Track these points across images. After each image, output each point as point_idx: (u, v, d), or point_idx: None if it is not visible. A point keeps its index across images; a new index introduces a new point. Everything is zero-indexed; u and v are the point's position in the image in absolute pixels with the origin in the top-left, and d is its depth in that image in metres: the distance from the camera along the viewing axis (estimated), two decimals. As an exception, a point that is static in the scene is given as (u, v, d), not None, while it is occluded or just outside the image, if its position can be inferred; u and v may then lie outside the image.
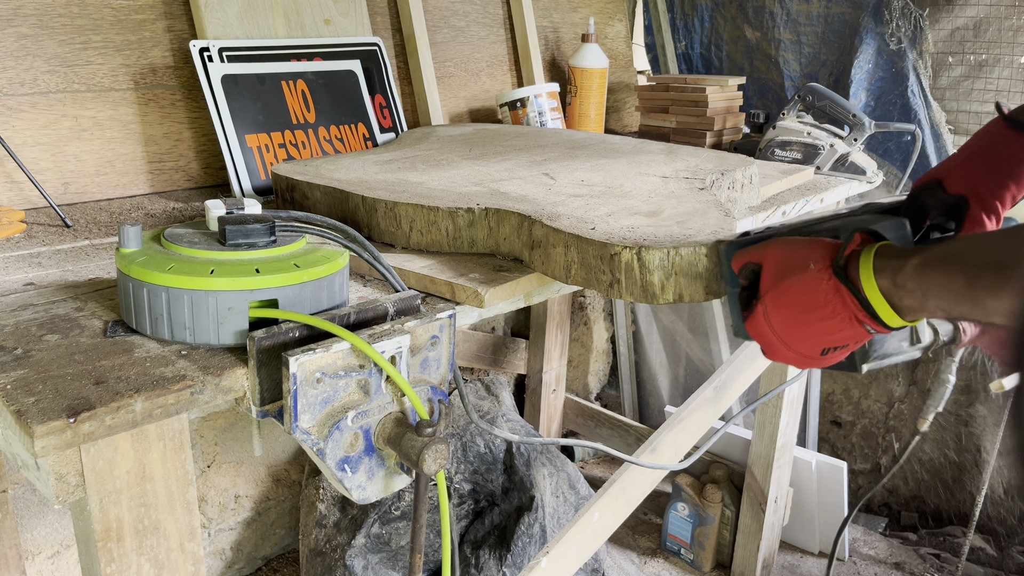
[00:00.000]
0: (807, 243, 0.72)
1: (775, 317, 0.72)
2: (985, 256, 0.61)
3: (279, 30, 1.48)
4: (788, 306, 0.71)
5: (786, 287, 0.71)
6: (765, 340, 0.75)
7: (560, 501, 1.92)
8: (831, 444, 2.42)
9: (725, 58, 2.32)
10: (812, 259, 0.70)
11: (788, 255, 0.72)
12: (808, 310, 0.70)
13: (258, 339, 0.69)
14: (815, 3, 2.07)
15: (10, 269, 0.95)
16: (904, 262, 0.66)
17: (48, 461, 0.63)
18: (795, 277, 0.71)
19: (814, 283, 0.69)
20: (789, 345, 0.73)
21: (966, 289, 0.61)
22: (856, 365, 0.77)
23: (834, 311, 0.69)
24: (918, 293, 0.65)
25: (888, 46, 1.97)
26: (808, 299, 0.70)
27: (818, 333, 0.71)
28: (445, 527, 0.82)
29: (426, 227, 1.00)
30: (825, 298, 0.69)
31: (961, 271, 0.62)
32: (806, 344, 0.72)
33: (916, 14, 1.91)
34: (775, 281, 0.72)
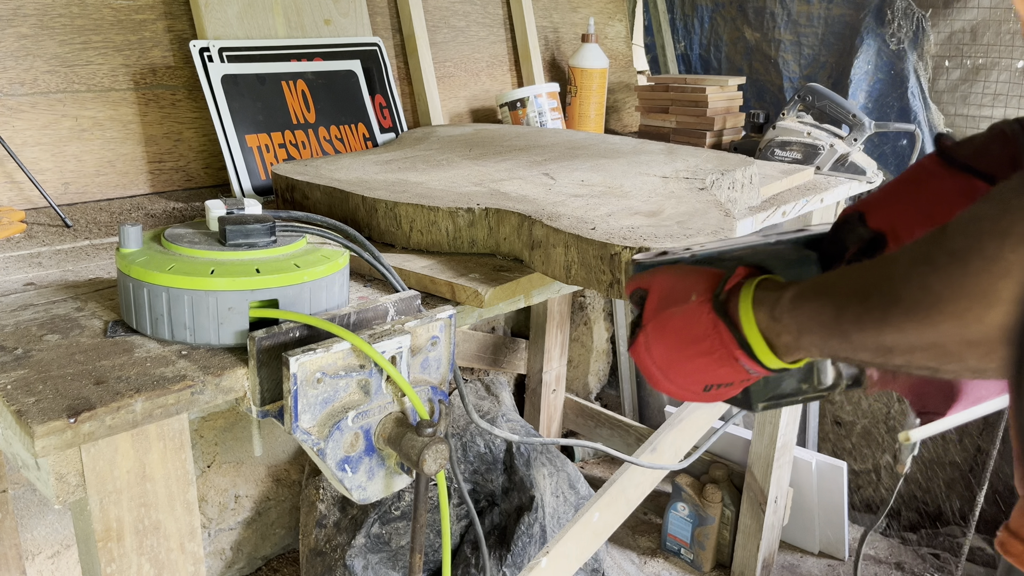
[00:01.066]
0: (693, 272, 0.68)
1: (655, 348, 0.68)
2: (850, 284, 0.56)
3: (279, 30, 1.48)
4: (668, 338, 0.67)
5: (667, 318, 0.67)
6: (645, 369, 0.70)
7: (560, 501, 1.92)
8: (831, 444, 2.42)
9: (724, 59, 2.32)
10: (695, 290, 0.66)
11: (673, 284, 0.68)
12: (687, 344, 0.66)
13: (258, 339, 0.69)
14: (816, 4, 2.07)
15: (10, 269, 0.95)
16: (781, 295, 0.60)
17: (48, 461, 0.63)
18: (676, 308, 0.66)
19: (694, 316, 0.65)
20: (669, 378, 0.68)
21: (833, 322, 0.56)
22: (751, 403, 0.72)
23: (712, 347, 0.64)
24: (793, 328, 0.59)
25: (888, 47, 1.97)
26: (687, 332, 0.66)
27: (697, 369, 0.66)
28: (445, 527, 0.82)
29: (426, 227, 1.00)
30: (704, 332, 0.64)
31: (830, 301, 0.56)
32: (687, 379, 0.68)
33: (919, 15, 1.91)
34: (657, 311, 0.68)
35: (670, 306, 0.67)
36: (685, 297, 0.66)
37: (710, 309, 0.64)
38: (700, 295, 0.65)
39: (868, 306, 0.52)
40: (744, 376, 0.65)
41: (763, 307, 0.61)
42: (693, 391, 0.68)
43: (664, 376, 0.68)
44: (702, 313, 0.64)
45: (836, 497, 2.11)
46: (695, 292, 0.66)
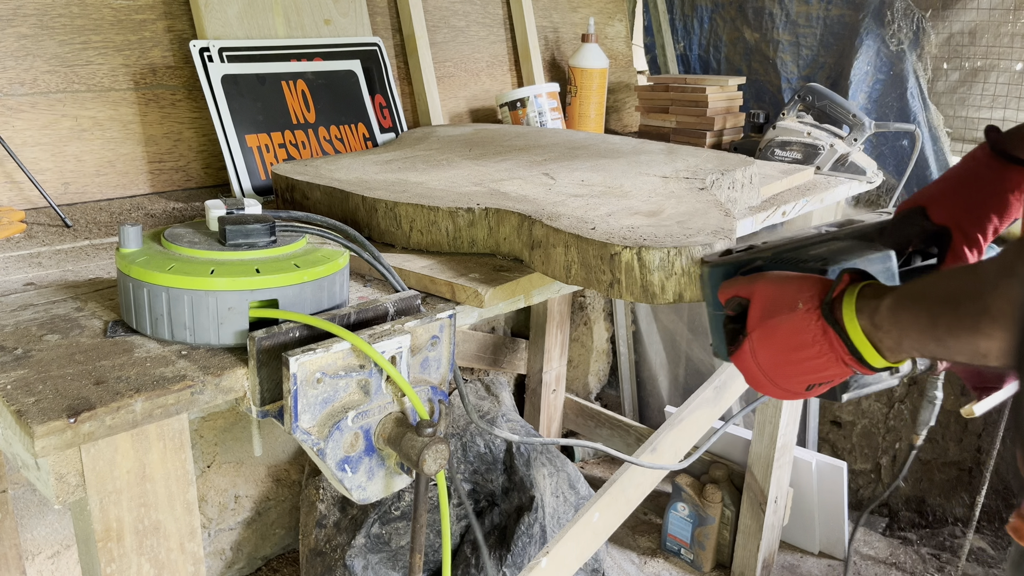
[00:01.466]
0: (796, 280, 0.71)
1: (762, 354, 0.71)
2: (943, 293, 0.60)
3: (279, 30, 1.48)
4: (775, 345, 0.70)
5: (774, 326, 0.70)
6: (751, 374, 0.73)
7: (560, 501, 1.92)
8: (831, 444, 2.42)
9: (723, 59, 2.32)
10: (800, 298, 0.69)
11: (777, 293, 0.71)
12: (795, 349, 0.69)
13: (258, 339, 0.69)
14: (815, 5, 2.07)
15: (10, 269, 0.95)
16: (880, 302, 0.64)
17: (48, 461, 0.63)
18: (783, 316, 0.69)
19: (802, 324, 0.68)
20: (775, 382, 0.72)
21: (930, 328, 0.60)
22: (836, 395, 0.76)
23: (821, 351, 0.68)
24: (894, 333, 0.64)
25: (888, 48, 1.97)
26: (796, 339, 0.69)
27: (805, 372, 0.70)
28: (445, 527, 0.82)
29: (426, 227, 1.00)
30: (813, 338, 0.68)
31: (925, 309, 0.60)
32: (792, 381, 0.71)
33: (919, 15, 1.90)
34: (763, 319, 0.71)
35: (776, 314, 0.70)
36: (792, 305, 0.69)
37: (819, 317, 0.67)
38: (807, 303, 0.68)
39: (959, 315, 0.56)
40: (848, 374, 0.69)
41: (864, 314, 0.65)
42: (796, 391, 0.72)
43: (770, 380, 0.72)
44: (810, 320, 0.68)
45: (836, 497, 2.11)
46: (801, 300, 0.69)
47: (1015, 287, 0.51)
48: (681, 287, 0.85)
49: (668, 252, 0.83)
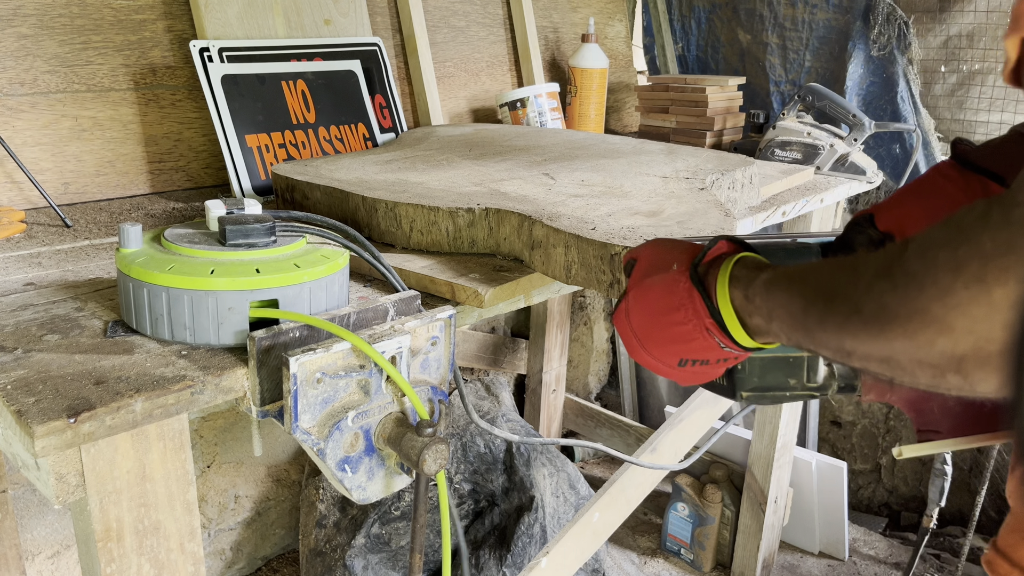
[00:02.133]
0: (679, 244, 0.69)
1: (635, 315, 0.69)
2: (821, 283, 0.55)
3: (279, 30, 1.48)
4: (647, 305, 0.68)
5: (648, 285, 0.68)
6: (626, 338, 0.70)
7: (560, 501, 1.92)
8: (831, 444, 2.42)
9: (721, 60, 2.32)
10: (677, 260, 0.67)
11: (658, 254, 0.69)
12: (663, 312, 0.66)
13: (258, 339, 0.69)
14: (801, 8, 2.07)
15: (10, 269, 0.95)
16: (757, 276, 0.61)
17: (48, 461, 0.63)
18: (657, 276, 0.67)
19: (672, 284, 0.66)
20: (646, 347, 0.69)
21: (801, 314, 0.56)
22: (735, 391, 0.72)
23: (686, 316, 0.64)
24: (764, 312, 0.60)
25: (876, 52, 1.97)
26: (665, 300, 0.66)
27: (672, 339, 0.66)
28: (445, 527, 0.82)
29: (426, 227, 1.00)
30: (679, 301, 0.65)
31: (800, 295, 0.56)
32: (661, 349, 0.68)
33: (901, 20, 1.90)
34: (640, 278, 0.69)
35: (652, 274, 0.68)
36: (667, 266, 0.67)
37: (687, 278, 0.64)
38: (681, 264, 0.66)
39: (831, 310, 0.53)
40: (718, 353, 0.65)
41: (739, 285, 0.61)
42: (668, 363, 0.68)
43: (641, 345, 0.69)
44: (679, 282, 0.65)
45: (836, 497, 2.11)
46: (677, 262, 0.66)
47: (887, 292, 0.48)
48: (681, 287, 0.85)
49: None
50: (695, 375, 0.69)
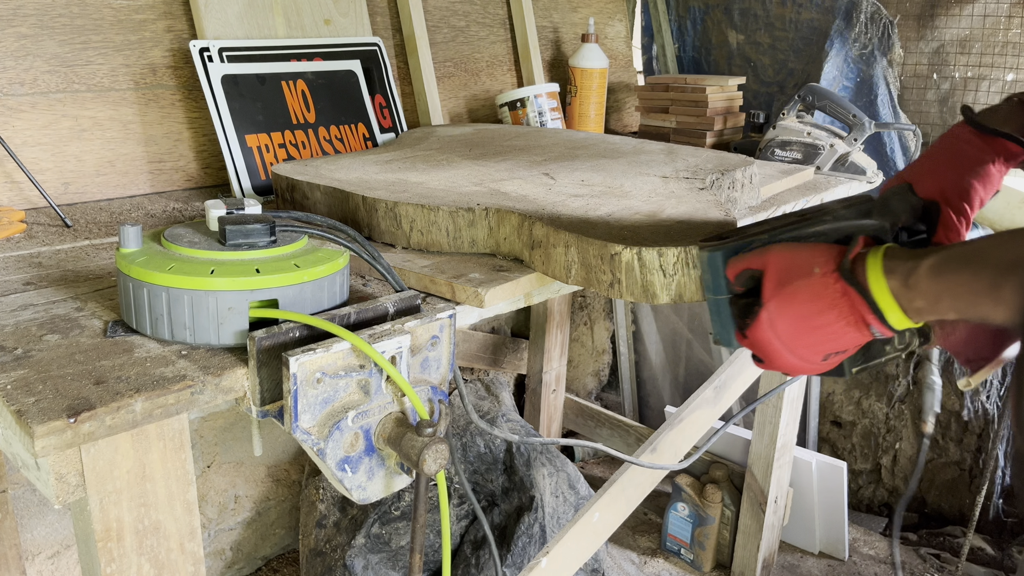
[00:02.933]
0: (808, 248, 0.72)
1: (780, 323, 0.71)
2: (1010, 255, 0.61)
3: (279, 30, 1.48)
4: (794, 312, 0.71)
5: (791, 292, 0.70)
6: (768, 347, 0.73)
7: (560, 501, 1.92)
8: (831, 444, 2.42)
9: (712, 61, 2.32)
10: (816, 263, 0.70)
11: (791, 260, 0.72)
12: (814, 315, 0.70)
13: (258, 339, 0.69)
14: (790, 7, 2.07)
15: (10, 269, 0.95)
16: (917, 263, 0.66)
17: (48, 461, 0.63)
18: (801, 282, 0.70)
19: (820, 287, 0.69)
20: (794, 351, 0.72)
21: (990, 289, 0.61)
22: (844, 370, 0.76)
23: (840, 315, 0.69)
24: (931, 294, 0.65)
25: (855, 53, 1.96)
26: (815, 304, 0.69)
27: (824, 339, 0.70)
28: (445, 527, 0.82)
29: (426, 227, 1.00)
30: (832, 302, 0.69)
31: (986, 271, 0.62)
32: (810, 350, 0.72)
33: (886, 20, 1.90)
34: (779, 287, 0.71)
35: (792, 280, 0.70)
36: (808, 271, 0.70)
37: (837, 279, 0.68)
38: (823, 267, 0.69)
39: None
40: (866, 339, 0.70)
41: (896, 274, 0.67)
42: (812, 361, 0.72)
43: (788, 349, 0.72)
44: (828, 284, 0.69)
45: (836, 497, 2.11)
46: (817, 265, 0.70)
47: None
48: (681, 287, 0.85)
49: (668, 251, 0.83)
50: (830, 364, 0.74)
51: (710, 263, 0.80)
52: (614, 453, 1.17)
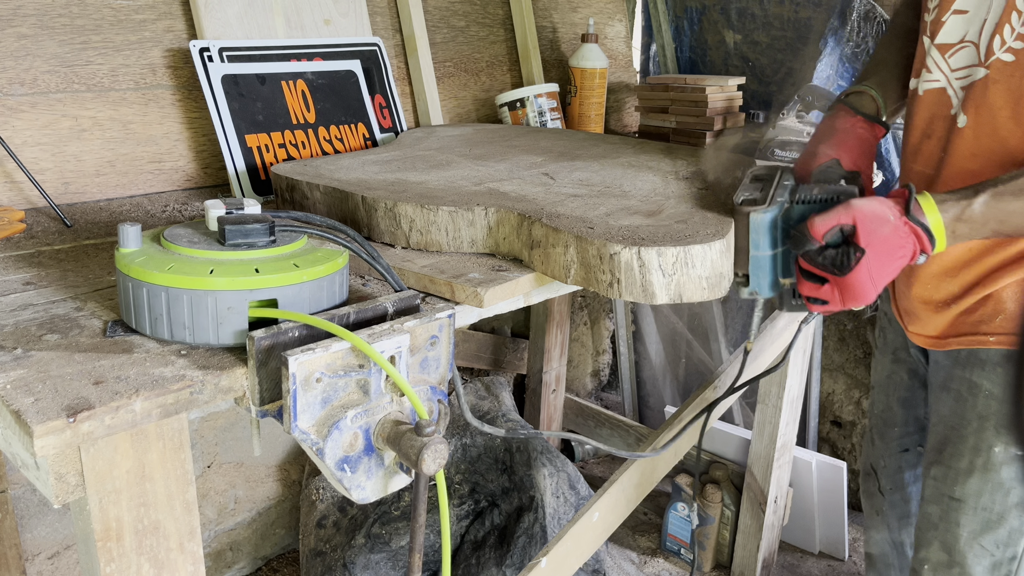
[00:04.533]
0: (877, 201, 0.91)
1: (875, 263, 0.89)
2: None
3: (279, 30, 1.48)
4: (885, 253, 0.89)
5: (883, 237, 0.89)
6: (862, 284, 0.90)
7: (560, 501, 1.92)
8: (831, 444, 2.42)
9: (709, 62, 2.32)
10: (892, 212, 0.90)
11: (872, 213, 0.90)
12: (894, 251, 0.90)
13: (258, 339, 0.69)
14: (787, 6, 2.06)
15: (10, 269, 0.95)
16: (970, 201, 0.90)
17: (48, 461, 0.63)
18: (887, 228, 0.89)
19: (899, 230, 0.90)
20: (876, 283, 0.90)
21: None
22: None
23: (908, 249, 0.90)
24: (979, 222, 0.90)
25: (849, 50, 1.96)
26: (894, 243, 0.90)
27: (895, 269, 0.91)
28: (445, 527, 0.82)
29: (426, 227, 1.00)
30: (905, 239, 0.90)
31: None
32: (885, 279, 0.91)
33: (880, 18, 1.89)
34: (871, 234, 0.89)
35: (879, 228, 0.89)
36: (885, 219, 0.90)
37: (906, 221, 0.90)
38: (895, 214, 0.90)
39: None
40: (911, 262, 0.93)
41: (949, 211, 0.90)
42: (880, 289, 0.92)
43: (874, 285, 0.91)
44: (900, 225, 0.90)
45: (836, 497, 2.11)
46: (892, 214, 0.90)
47: None
48: (681, 287, 0.85)
49: (668, 251, 0.83)
50: None
51: (763, 224, 0.93)
52: (610, 450, 1.17)
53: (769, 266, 0.95)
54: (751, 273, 0.95)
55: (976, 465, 1.10)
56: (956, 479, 1.12)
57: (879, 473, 1.40)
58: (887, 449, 1.37)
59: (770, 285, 0.96)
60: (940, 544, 1.15)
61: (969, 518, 1.12)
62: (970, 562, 1.12)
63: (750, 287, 0.96)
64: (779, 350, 1.79)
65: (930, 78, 1.07)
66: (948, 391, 1.14)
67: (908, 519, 1.37)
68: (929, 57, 1.07)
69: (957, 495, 1.12)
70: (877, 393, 1.38)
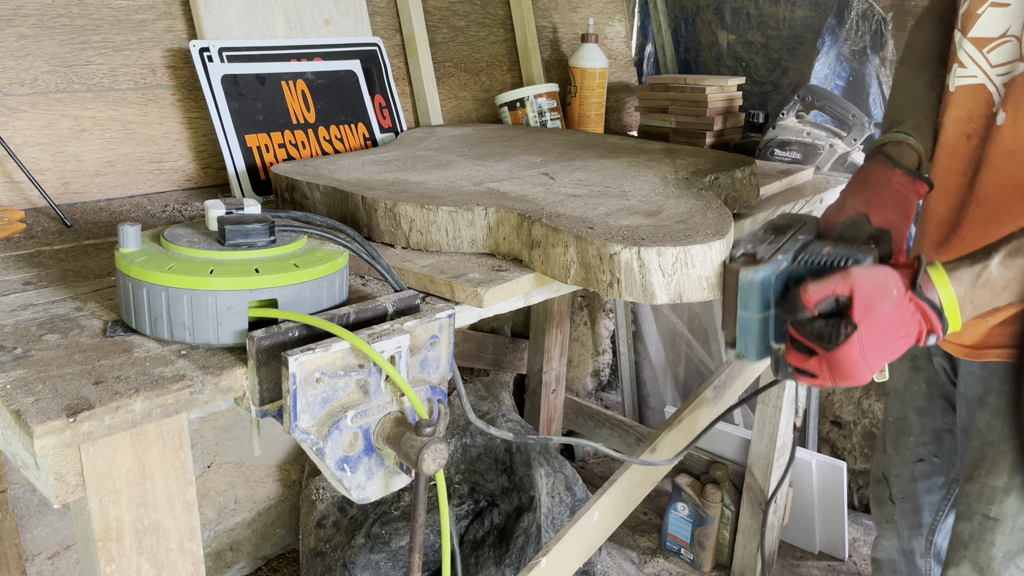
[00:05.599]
0: (881, 270, 0.81)
1: (869, 342, 0.79)
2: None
3: (279, 30, 1.48)
4: (881, 330, 0.79)
5: (880, 315, 0.79)
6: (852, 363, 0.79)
7: (556, 502, 1.92)
8: (831, 444, 2.42)
9: (701, 63, 2.32)
10: (893, 285, 0.80)
11: (874, 284, 0.79)
12: (893, 330, 0.80)
13: (258, 339, 0.69)
14: (783, 5, 2.06)
15: (10, 269, 0.95)
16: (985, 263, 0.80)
17: (48, 461, 0.63)
18: (886, 305, 0.79)
19: (901, 307, 0.79)
20: (870, 364, 0.80)
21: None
22: None
23: (912, 329, 0.80)
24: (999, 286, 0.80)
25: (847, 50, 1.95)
26: (895, 321, 0.79)
27: (895, 351, 0.81)
28: (445, 527, 0.82)
29: (425, 227, 1.00)
30: (909, 318, 0.80)
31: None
32: (881, 362, 0.81)
33: (879, 16, 1.89)
34: (868, 310, 0.79)
35: (879, 304, 0.79)
36: (888, 293, 0.79)
37: (912, 297, 0.80)
38: (899, 289, 0.80)
39: None
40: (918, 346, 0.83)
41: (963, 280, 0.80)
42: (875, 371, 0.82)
43: (867, 365, 0.80)
44: (904, 303, 0.80)
45: (836, 497, 2.11)
46: (894, 287, 0.80)
47: None
48: (681, 287, 0.85)
49: (668, 252, 0.83)
50: None
51: (752, 284, 0.84)
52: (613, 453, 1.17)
53: (758, 329, 0.86)
54: (738, 334, 0.86)
55: (1015, 484, 1.05)
56: (993, 497, 1.07)
57: (890, 481, 1.35)
58: (900, 458, 1.33)
59: (758, 349, 0.86)
60: (971, 563, 1.10)
61: (1005, 538, 1.07)
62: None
63: (736, 349, 0.87)
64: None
65: (965, 73, 1.02)
66: (985, 405, 1.08)
67: (919, 528, 1.33)
68: (962, 51, 1.02)
69: (993, 514, 1.07)
70: (892, 400, 1.34)
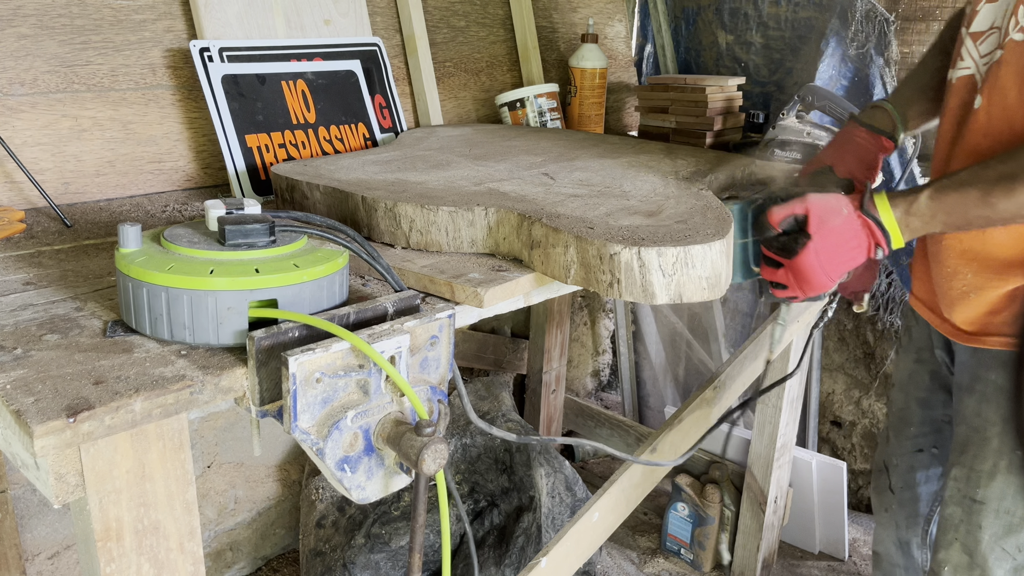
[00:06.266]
0: (835, 196, 1.01)
1: (823, 250, 0.99)
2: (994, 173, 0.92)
3: (279, 30, 1.48)
4: (832, 240, 0.99)
5: (832, 227, 0.99)
6: (809, 269, 1.00)
7: (556, 502, 1.92)
8: (831, 444, 2.42)
9: (702, 63, 2.32)
10: (843, 206, 1.00)
11: (825, 205, 1.00)
12: (845, 241, 0.99)
13: (258, 339, 0.69)
14: (784, 6, 2.06)
15: (10, 269, 0.95)
16: (917, 195, 0.98)
17: (48, 461, 0.63)
18: (837, 220, 0.99)
19: (851, 222, 0.99)
20: (827, 271, 1.00)
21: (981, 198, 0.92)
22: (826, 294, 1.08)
23: (860, 241, 0.99)
24: (928, 215, 0.97)
25: (851, 51, 1.95)
26: (845, 233, 0.99)
27: (848, 259, 1.00)
28: (445, 527, 0.82)
29: (425, 227, 1.00)
30: (857, 231, 0.99)
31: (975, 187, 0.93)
32: (837, 269, 1.00)
33: (881, 18, 1.89)
34: (822, 224, 0.99)
35: (831, 219, 0.99)
36: (839, 212, 1.00)
37: (860, 215, 1.00)
38: (849, 208, 1.00)
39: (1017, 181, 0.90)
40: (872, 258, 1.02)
41: (899, 206, 0.99)
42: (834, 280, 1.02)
43: (824, 272, 1.00)
44: (854, 218, 1.00)
45: (836, 497, 2.11)
46: (845, 207, 1.00)
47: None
48: (681, 287, 0.85)
49: (668, 251, 0.83)
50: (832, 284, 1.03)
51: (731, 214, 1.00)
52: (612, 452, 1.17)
53: (739, 254, 1.09)
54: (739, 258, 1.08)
55: (1000, 467, 1.09)
56: (979, 481, 1.11)
57: (891, 470, 1.40)
58: (901, 447, 1.37)
59: (742, 272, 1.09)
60: (961, 546, 1.14)
61: (991, 520, 1.10)
62: (991, 565, 1.11)
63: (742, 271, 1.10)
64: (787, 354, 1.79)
65: (962, 66, 1.09)
66: (972, 392, 1.13)
67: (916, 519, 1.37)
68: (964, 46, 1.08)
69: (979, 497, 1.11)
70: (896, 391, 1.38)
